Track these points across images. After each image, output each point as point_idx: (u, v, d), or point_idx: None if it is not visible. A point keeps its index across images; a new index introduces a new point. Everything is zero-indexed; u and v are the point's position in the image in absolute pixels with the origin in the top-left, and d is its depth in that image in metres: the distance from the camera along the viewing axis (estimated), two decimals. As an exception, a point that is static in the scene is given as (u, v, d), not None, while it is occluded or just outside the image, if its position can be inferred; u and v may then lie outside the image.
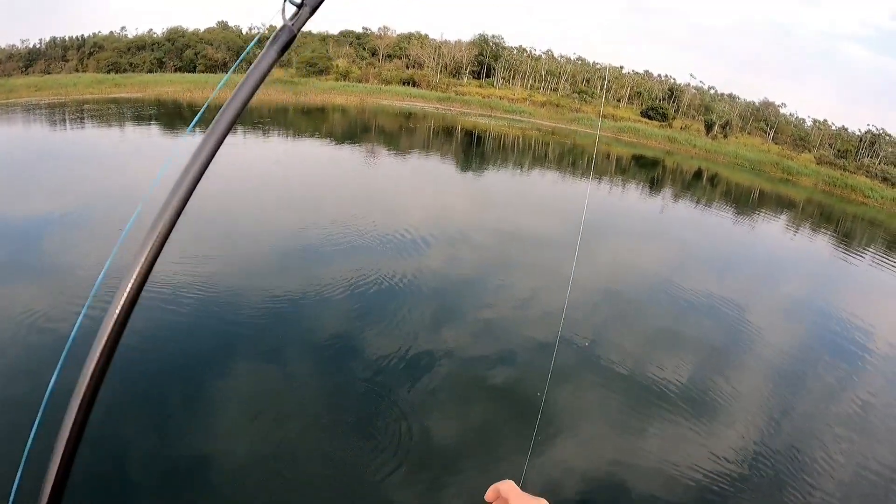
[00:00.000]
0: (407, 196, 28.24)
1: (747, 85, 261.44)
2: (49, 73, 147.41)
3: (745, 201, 46.62)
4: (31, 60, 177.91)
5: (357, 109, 75.60)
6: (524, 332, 14.48)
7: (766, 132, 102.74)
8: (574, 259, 16.12)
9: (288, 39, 1.61)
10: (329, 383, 11.42)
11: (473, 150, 52.07)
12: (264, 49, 1.71)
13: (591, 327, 15.37)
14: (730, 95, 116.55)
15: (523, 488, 1.52)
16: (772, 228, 36.09)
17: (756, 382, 14.08)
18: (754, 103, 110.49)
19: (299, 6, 1.57)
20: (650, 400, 12.23)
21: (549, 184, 38.13)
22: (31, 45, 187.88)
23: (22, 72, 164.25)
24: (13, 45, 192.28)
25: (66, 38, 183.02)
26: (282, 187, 28.03)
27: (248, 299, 14.50)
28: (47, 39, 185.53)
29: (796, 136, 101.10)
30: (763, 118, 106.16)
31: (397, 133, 57.43)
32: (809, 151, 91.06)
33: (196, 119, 1.95)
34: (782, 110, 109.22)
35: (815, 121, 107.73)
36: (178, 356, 11.80)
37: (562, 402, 11.69)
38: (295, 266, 17.20)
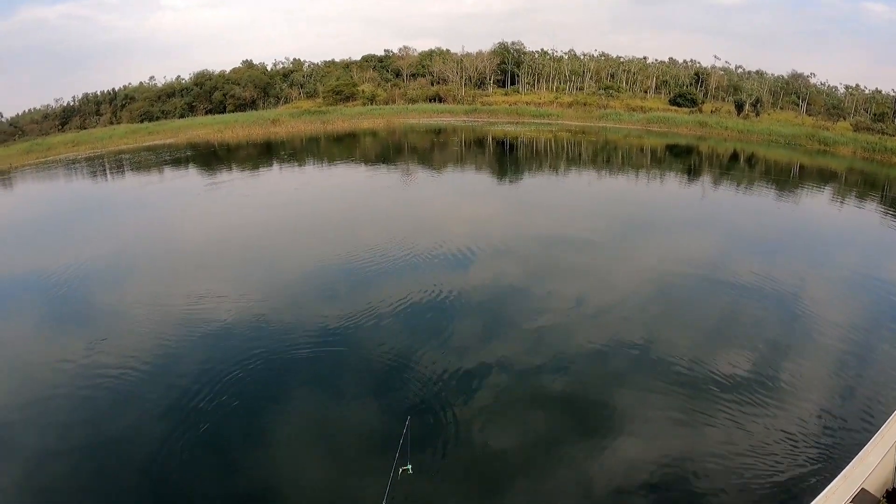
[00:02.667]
0: (448, 212, 28.59)
1: (773, 60, 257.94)
2: (85, 129, 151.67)
3: (785, 178, 46.10)
4: (66, 118, 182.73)
5: (386, 131, 76.36)
6: (578, 336, 14.62)
7: (798, 105, 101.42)
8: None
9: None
10: (388, 402, 11.78)
11: (507, 158, 52.26)
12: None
13: (643, 322, 15.50)
14: (757, 72, 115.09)
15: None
16: (817, 202, 35.63)
17: (829, 356, 14.03)
18: (783, 77, 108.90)
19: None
20: (713, 389, 12.32)
21: (585, 184, 38.18)
22: (65, 104, 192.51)
23: (59, 129, 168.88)
24: (48, 105, 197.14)
25: (99, 93, 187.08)
26: (325, 215, 28.83)
27: (301, 327, 15.08)
28: (80, 96, 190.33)
29: (829, 105, 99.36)
30: (793, 91, 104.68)
31: (429, 150, 57.90)
32: (845, 119, 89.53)
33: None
34: (812, 80, 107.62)
35: (846, 87, 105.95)
36: (237, 383, 12.35)
37: (624, 401, 11.82)
38: (343, 291, 17.69)
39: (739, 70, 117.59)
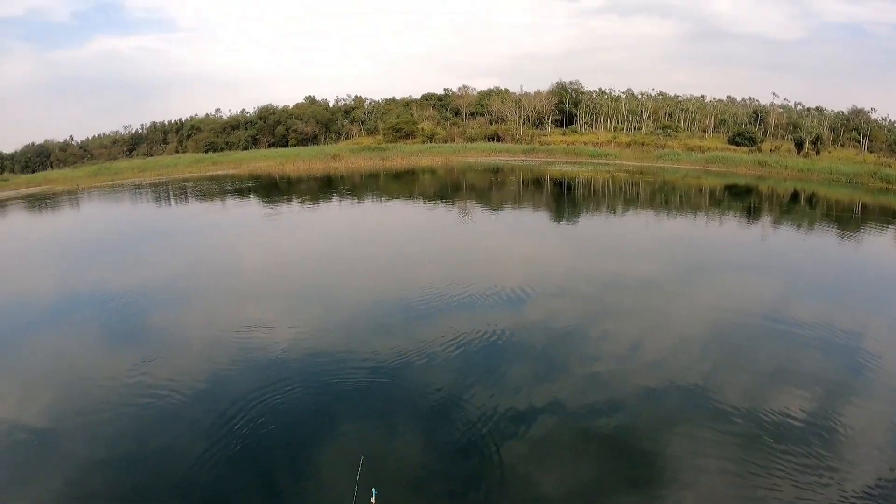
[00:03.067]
0: (504, 251, 29.32)
1: (833, 95, 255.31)
2: (151, 156, 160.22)
3: (847, 218, 45.50)
4: (134, 144, 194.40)
5: (444, 169, 77.66)
6: (631, 380, 14.78)
7: (859, 141, 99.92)
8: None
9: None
10: (434, 440, 12.22)
11: (564, 198, 52.63)
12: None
13: (699, 367, 15.60)
14: (817, 109, 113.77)
15: None
16: (881, 243, 35.14)
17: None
18: (843, 113, 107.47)
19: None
20: (769, 440, 12.43)
21: (642, 225, 38.21)
22: (133, 131, 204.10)
23: (126, 155, 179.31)
24: (117, 132, 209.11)
25: (166, 123, 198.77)
26: (383, 250, 29.97)
27: (349, 359, 15.54)
28: (148, 124, 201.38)
29: (891, 140, 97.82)
30: (854, 127, 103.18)
31: (487, 189, 58.88)
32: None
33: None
34: (873, 115, 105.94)
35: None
36: (289, 418, 12.83)
37: (675, 449, 11.97)
38: (396, 326, 18.24)
39: (798, 107, 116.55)
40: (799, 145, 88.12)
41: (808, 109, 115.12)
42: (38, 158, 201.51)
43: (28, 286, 26.07)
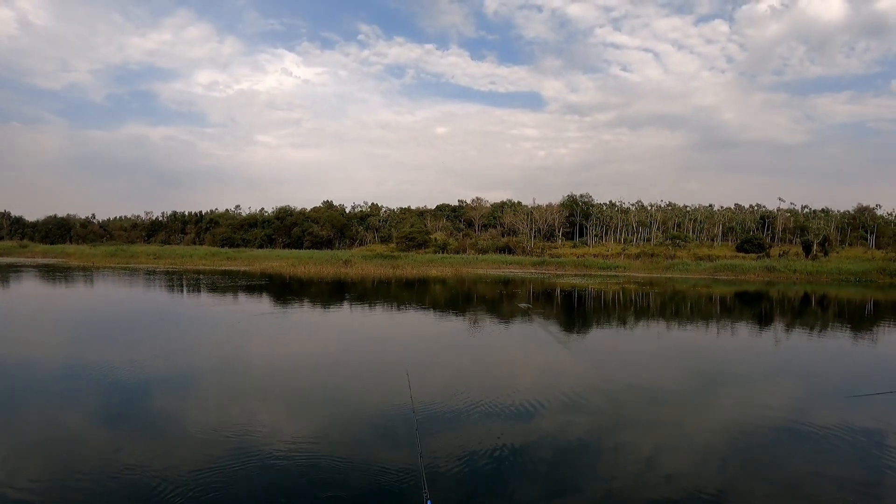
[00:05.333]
0: (514, 363, 29.31)
1: (839, 195, 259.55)
2: (168, 244, 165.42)
3: (859, 317, 45.43)
4: (153, 231, 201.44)
5: (455, 280, 78.94)
6: (645, 497, 14.50)
7: (866, 239, 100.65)
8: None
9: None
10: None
11: (574, 310, 52.81)
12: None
13: (718, 479, 15.28)
14: (823, 210, 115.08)
15: None
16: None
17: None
18: (849, 212, 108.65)
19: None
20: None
21: (653, 336, 38.12)
22: (153, 217, 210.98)
23: (144, 240, 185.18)
24: (138, 216, 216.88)
25: (186, 213, 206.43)
26: (389, 357, 30.05)
27: (354, 471, 14.95)
28: (168, 213, 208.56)
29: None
30: (860, 225, 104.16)
31: (497, 300, 59.86)
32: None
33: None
34: (878, 212, 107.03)
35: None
36: None
37: None
38: (401, 437, 17.77)
39: (805, 210, 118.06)
40: (807, 248, 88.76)
41: (815, 211, 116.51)
42: (58, 230, 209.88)
43: (26, 353, 26.91)
